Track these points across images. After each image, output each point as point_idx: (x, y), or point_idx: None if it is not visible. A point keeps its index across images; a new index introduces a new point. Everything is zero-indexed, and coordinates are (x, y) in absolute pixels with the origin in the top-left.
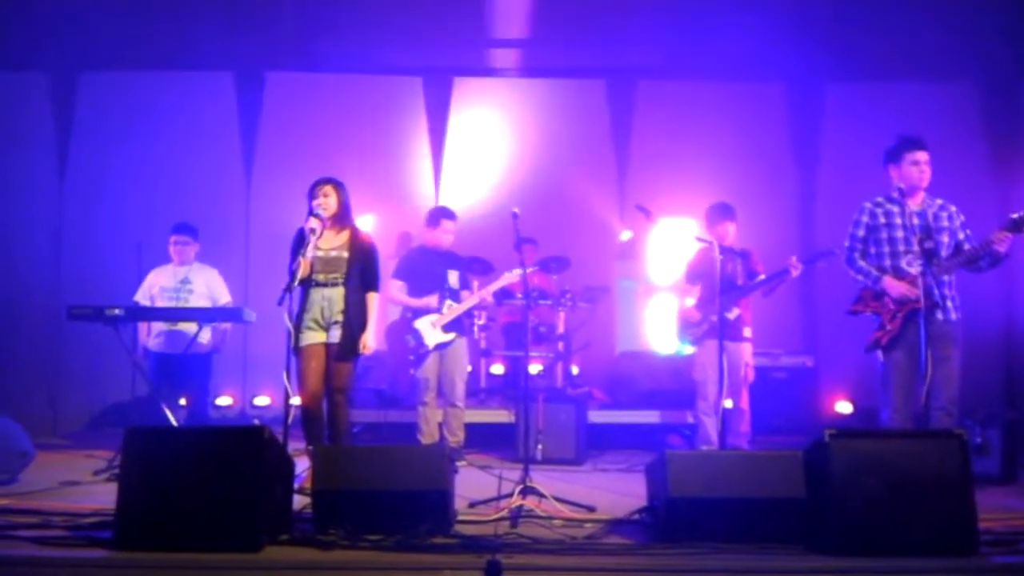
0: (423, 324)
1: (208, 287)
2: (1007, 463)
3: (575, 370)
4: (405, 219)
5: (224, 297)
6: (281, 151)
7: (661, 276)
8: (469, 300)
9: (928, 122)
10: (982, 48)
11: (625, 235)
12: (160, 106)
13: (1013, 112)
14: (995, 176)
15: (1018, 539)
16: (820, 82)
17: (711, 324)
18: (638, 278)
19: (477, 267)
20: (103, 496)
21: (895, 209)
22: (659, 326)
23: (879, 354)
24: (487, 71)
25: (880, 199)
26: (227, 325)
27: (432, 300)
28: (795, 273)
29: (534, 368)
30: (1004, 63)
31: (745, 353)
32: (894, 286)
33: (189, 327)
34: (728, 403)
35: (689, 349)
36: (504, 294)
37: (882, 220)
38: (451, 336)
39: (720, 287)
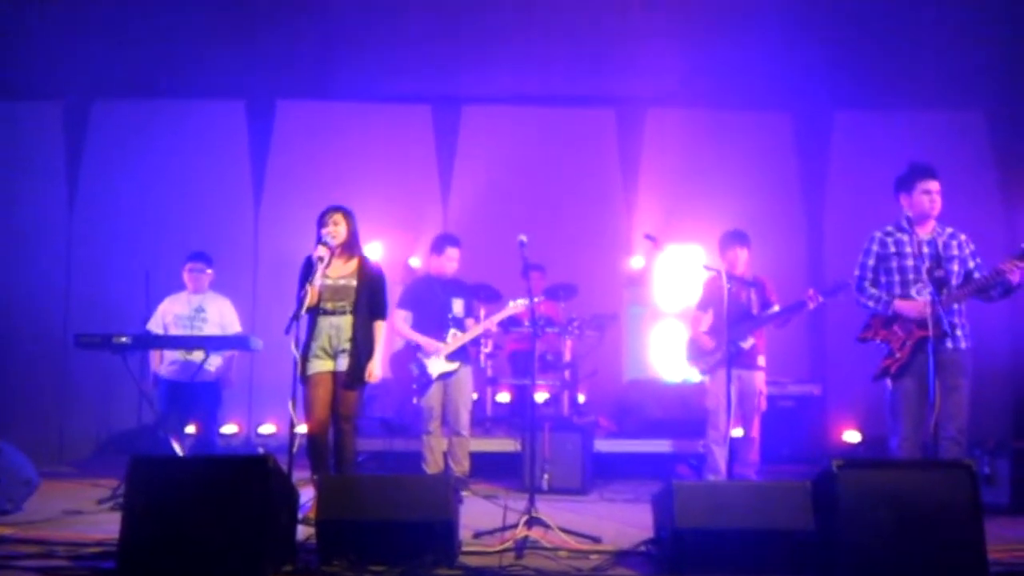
0: (431, 343)
1: (221, 316)
2: (1016, 493)
3: (582, 398)
4: (413, 247)
5: (235, 327)
6: (290, 179)
7: (670, 303)
8: (474, 329)
9: (936, 150)
10: (990, 76)
11: (636, 262)
12: (171, 134)
13: (1022, 140)
14: (1004, 204)
15: None
16: (828, 110)
17: (729, 352)
18: (646, 305)
19: (483, 294)
20: (107, 525)
21: (905, 238)
22: (667, 354)
23: (888, 382)
24: (496, 99)
25: (890, 228)
26: (233, 353)
27: (432, 342)
28: (812, 306)
29: (540, 396)
30: (1013, 91)
31: (758, 381)
32: (907, 307)
33: (201, 355)
34: (738, 432)
35: (697, 376)
36: (511, 322)
37: (892, 249)
38: (455, 365)
39: (735, 316)
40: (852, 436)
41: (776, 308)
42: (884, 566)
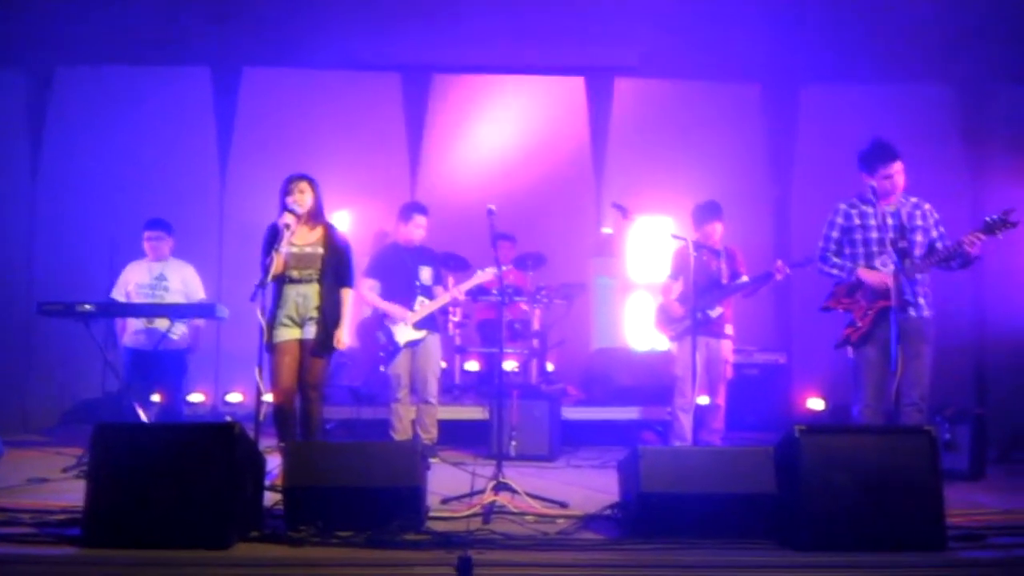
0: (398, 310)
1: (184, 283)
2: (976, 459)
3: (550, 367)
4: (381, 216)
5: (199, 294)
6: (257, 146)
7: (639, 273)
8: (441, 298)
9: (903, 123)
10: (958, 51)
11: (605, 232)
12: (136, 101)
13: (988, 114)
14: (970, 177)
15: (986, 535)
16: (796, 82)
17: (695, 320)
18: (615, 275)
19: (452, 263)
20: (72, 493)
21: (869, 210)
22: (635, 323)
23: (850, 350)
24: (466, 68)
25: (854, 199)
26: (200, 322)
27: (400, 309)
28: (780, 277)
29: (509, 365)
30: (979, 66)
31: (725, 350)
32: (870, 276)
33: (165, 323)
34: (704, 399)
35: (665, 344)
36: (480, 291)
37: (856, 221)
38: (422, 334)
39: (704, 285)
40: (816, 404)
41: (744, 278)
42: (845, 529)
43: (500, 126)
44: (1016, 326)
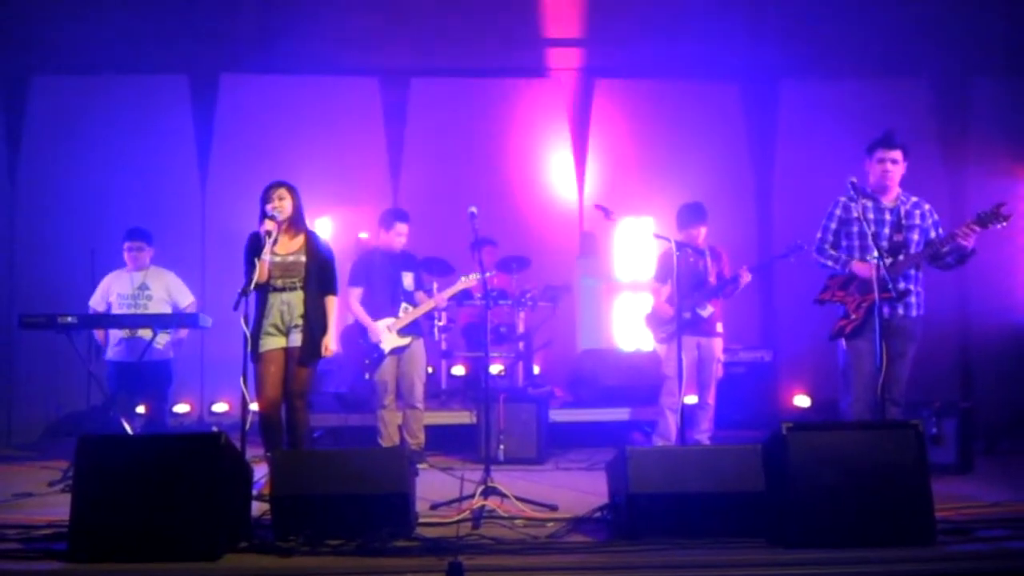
0: (379, 327)
1: (168, 291)
2: (963, 452)
3: (537, 369)
4: (363, 222)
5: (186, 299)
6: (237, 154)
7: (623, 274)
8: (425, 305)
9: (880, 119)
10: (933, 45)
11: (588, 234)
12: (114, 110)
13: (964, 109)
14: (946, 172)
15: (974, 527)
16: (774, 80)
17: (684, 320)
18: (600, 276)
19: (435, 268)
20: (58, 507)
21: (869, 204)
22: (622, 323)
23: (842, 342)
24: (444, 71)
25: (854, 193)
26: (183, 332)
27: (377, 331)
28: (745, 280)
29: (495, 368)
30: (955, 60)
31: (717, 348)
32: (862, 268)
33: (148, 334)
34: (693, 399)
35: (651, 344)
36: (464, 295)
37: (855, 214)
38: (407, 340)
39: (692, 284)
40: (802, 401)
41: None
42: (834, 526)
43: (480, 129)
44: (1000, 319)
